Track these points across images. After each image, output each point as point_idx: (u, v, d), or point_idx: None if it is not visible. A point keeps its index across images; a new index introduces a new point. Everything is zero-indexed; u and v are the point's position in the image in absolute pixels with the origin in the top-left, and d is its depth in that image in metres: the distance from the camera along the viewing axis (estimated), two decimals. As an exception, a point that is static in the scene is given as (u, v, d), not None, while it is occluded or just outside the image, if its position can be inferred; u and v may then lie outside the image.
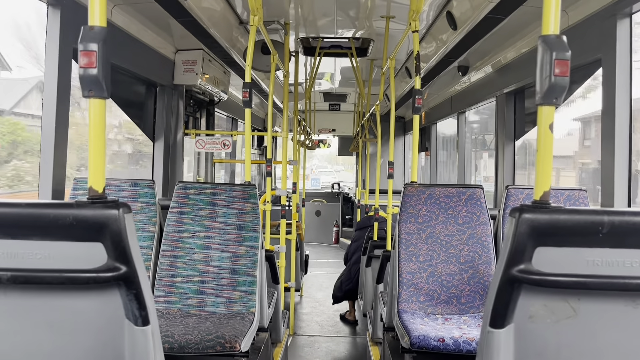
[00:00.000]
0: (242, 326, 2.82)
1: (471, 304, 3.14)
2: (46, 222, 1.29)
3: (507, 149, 4.66)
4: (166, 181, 4.71)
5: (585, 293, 1.32)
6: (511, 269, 1.30)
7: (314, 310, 6.44)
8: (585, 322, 1.32)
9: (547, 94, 1.29)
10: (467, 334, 2.69)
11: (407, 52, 5.52)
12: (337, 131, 11.00)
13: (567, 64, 1.26)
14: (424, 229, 3.24)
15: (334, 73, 7.41)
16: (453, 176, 7.22)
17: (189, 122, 5.56)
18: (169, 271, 3.15)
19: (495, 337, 1.34)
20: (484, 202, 3.28)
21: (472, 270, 3.16)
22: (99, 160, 1.33)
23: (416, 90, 3.26)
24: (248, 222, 3.19)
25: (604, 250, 1.30)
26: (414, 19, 3.31)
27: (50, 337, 1.35)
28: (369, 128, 7.87)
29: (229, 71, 5.68)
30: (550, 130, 1.32)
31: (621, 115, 2.90)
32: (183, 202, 3.23)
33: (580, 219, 1.30)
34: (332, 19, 4.60)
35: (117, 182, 3.41)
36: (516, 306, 1.33)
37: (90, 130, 1.32)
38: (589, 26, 3.10)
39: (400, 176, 10.50)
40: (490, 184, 5.29)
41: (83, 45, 1.27)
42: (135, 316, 1.33)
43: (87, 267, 1.30)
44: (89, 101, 1.31)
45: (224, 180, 8.25)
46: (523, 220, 1.29)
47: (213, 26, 3.86)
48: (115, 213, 1.28)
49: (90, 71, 1.27)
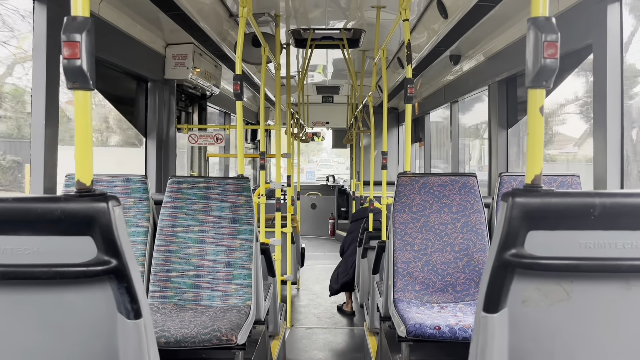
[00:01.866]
0: (239, 319, 2.81)
1: (466, 291, 3.15)
2: (34, 216, 1.27)
3: (500, 136, 4.66)
4: (159, 177, 4.69)
5: (578, 276, 1.32)
6: (504, 254, 1.30)
7: (311, 303, 6.45)
8: (578, 305, 1.32)
9: (537, 77, 1.28)
10: (463, 322, 2.69)
11: (398, 43, 5.50)
12: (330, 123, 10.98)
13: (557, 46, 1.26)
14: (418, 218, 3.24)
15: (326, 65, 7.38)
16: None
17: (181, 116, 5.53)
18: (164, 266, 3.14)
19: (490, 321, 1.33)
20: (478, 190, 3.28)
21: (467, 258, 3.17)
22: (85, 153, 1.32)
23: (408, 79, 3.25)
24: (242, 215, 3.18)
25: (596, 233, 1.30)
26: (405, 8, 3.29)
27: (41, 332, 1.34)
28: (363, 120, 7.86)
29: (220, 65, 5.65)
30: (541, 114, 1.31)
31: (612, 100, 2.90)
32: (176, 196, 3.21)
33: (572, 202, 1.29)
34: (323, 10, 4.58)
35: (109, 178, 3.38)
36: (509, 290, 1.32)
37: (76, 122, 1.30)
38: (579, 12, 3.09)
39: (395, 167, 10.50)
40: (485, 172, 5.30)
41: (66, 36, 1.25)
42: (127, 309, 1.32)
43: (77, 261, 1.28)
44: (74, 93, 1.30)
45: (218, 175, 8.23)
46: (515, 204, 1.29)
47: (203, 19, 3.83)
48: (104, 206, 1.26)
49: (74, 62, 1.25)
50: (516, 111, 4.64)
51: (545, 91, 1.32)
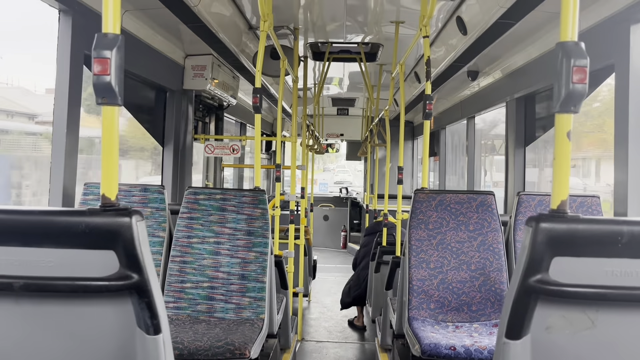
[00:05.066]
0: (252, 332, 2.80)
1: (482, 311, 3.11)
2: (58, 229, 1.28)
3: (517, 154, 4.62)
4: (175, 186, 4.72)
5: (604, 304, 1.29)
6: (528, 279, 1.28)
7: (322, 316, 6.42)
8: (604, 334, 1.30)
9: (565, 102, 1.27)
10: (479, 342, 2.66)
11: (416, 57, 5.50)
12: (345, 136, 10.97)
13: (586, 71, 1.24)
14: (435, 236, 3.22)
15: (343, 78, 7.40)
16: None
17: (198, 126, 5.57)
18: (179, 277, 3.14)
19: (512, 348, 1.31)
20: (495, 209, 3.25)
21: (483, 278, 3.13)
22: (111, 167, 1.33)
23: (427, 95, 3.24)
24: (257, 227, 3.18)
25: (623, 261, 1.28)
26: (425, 25, 3.30)
27: (61, 345, 1.35)
28: (378, 133, 7.85)
29: (238, 76, 5.69)
30: (568, 138, 1.30)
31: (635, 121, 2.86)
32: (193, 207, 3.22)
33: (599, 229, 1.27)
34: (341, 24, 4.60)
35: (127, 188, 3.41)
36: (533, 317, 1.30)
37: (103, 137, 1.32)
38: (601, 31, 3.07)
39: (409, 181, 10.46)
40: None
41: (97, 52, 1.26)
42: (147, 325, 1.31)
43: (99, 275, 1.29)
44: (102, 108, 1.31)
45: (231, 185, 8.26)
46: (540, 230, 1.27)
47: (222, 31, 3.87)
48: (128, 221, 1.27)
49: (103, 78, 1.26)
50: (534, 129, 4.60)
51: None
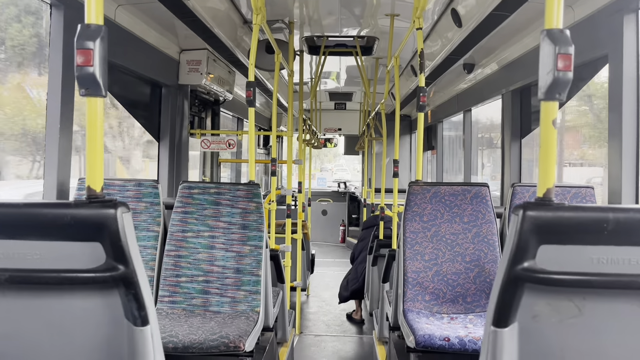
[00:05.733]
0: (247, 326, 2.81)
1: (477, 302, 3.11)
2: (44, 222, 1.28)
3: (513, 146, 4.62)
4: (171, 181, 4.72)
5: (590, 292, 1.29)
6: (515, 267, 1.28)
7: (321, 310, 6.43)
8: (590, 321, 1.30)
9: (550, 90, 1.26)
10: (473, 333, 2.66)
11: (412, 51, 5.49)
12: (343, 130, 10.97)
13: (570, 58, 1.24)
14: (429, 228, 3.22)
15: (340, 72, 7.38)
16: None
17: (194, 121, 5.57)
18: (174, 271, 3.14)
19: (499, 336, 1.31)
20: (490, 201, 3.25)
21: (478, 269, 3.14)
22: (96, 159, 1.33)
23: (420, 88, 3.24)
24: (252, 221, 3.18)
25: (609, 248, 1.28)
26: (418, 17, 3.29)
27: (49, 337, 1.35)
28: (375, 127, 7.85)
29: (234, 71, 5.68)
30: (554, 126, 1.29)
31: (628, 111, 2.86)
32: (187, 201, 3.22)
33: (585, 216, 1.27)
34: (336, 17, 4.58)
35: (121, 182, 3.41)
36: (520, 305, 1.30)
37: (88, 129, 1.31)
38: (595, 22, 3.06)
39: (407, 175, 10.46)
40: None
41: (79, 43, 1.26)
42: (134, 316, 1.32)
43: (85, 267, 1.29)
44: (86, 100, 1.31)
45: (229, 180, 8.26)
46: (526, 218, 1.27)
47: (217, 26, 3.86)
48: (113, 212, 1.27)
49: (86, 69, 1.26)
50: (530, 121, 4.59)
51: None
